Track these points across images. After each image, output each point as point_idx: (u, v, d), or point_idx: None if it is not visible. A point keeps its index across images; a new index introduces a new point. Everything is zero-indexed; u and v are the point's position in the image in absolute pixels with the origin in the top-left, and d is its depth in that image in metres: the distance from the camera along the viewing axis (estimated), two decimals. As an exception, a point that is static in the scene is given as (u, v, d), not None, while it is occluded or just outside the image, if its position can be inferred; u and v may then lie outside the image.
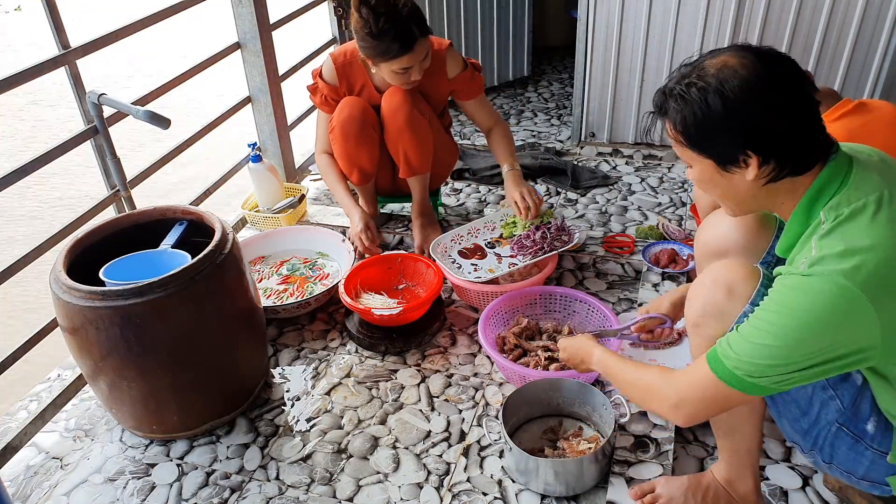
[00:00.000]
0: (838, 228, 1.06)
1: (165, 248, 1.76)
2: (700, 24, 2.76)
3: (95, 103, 1.96)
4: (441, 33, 3.50)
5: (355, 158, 2.28)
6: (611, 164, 3.04)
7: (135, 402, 1.67)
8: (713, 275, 1.24)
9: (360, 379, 1.94)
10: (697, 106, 1.09)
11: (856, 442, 1.20)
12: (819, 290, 1.02)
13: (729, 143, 1.10)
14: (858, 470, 1.23)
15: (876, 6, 2.55)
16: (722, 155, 1.12)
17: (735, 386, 1.10)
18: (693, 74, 1.12)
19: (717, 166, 1.14)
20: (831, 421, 1.20)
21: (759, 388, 1.09)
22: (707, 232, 1.48)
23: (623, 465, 1.57)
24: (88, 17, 5.75)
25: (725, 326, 1.19)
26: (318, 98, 2.29)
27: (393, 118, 2.17)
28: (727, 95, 1.07)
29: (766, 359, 1.06)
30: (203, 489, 1.63)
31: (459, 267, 2.19)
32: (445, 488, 1.59)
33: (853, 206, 1.07)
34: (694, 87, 1.10)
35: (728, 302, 1.20)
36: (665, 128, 1.19)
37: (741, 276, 1.20)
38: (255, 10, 2.57)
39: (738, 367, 1.08)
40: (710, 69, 1.10)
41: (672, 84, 1.15)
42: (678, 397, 1.19)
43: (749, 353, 1.07)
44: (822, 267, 1.03)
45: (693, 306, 1.27)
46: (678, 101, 1.12)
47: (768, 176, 1.11)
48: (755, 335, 1.07)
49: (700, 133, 1.12)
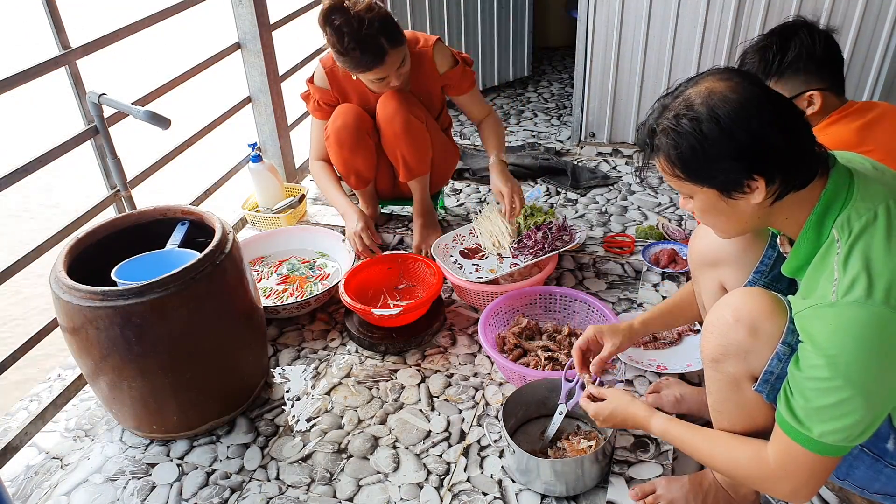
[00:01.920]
0: (856, 247, 1.03)
1: (172, 247, 1.76)
2: (700, 24, 2.76)
3: (95, 103, 1.96)
4: (441, 33, 3.50)
5: (352, 165, 2.28)
6: (611, 164, 3.04)
7: (135, 402, 1.67)
8: (734, 311, 1.16)
9: (361, 379, 1.94)
10: (693, 137, 1.05)
11: (875, 461, 1.18)
12: (859, 321, 0.99)
13: (731, 169, 1.05)
14: (874, 485, 1.21)
15: (876, 6, 2.55)
16: (725, 183, 1.07)
17: (839, 453, 1.08)
18: (679, 106, 1.07)
19: (721, 195, 1.09)
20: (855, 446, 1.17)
21: (849, 447, 1.08)
22: (700, 242, 1.46)
23: (623, 465, 1.57)
24: (88, 17, 5.75)
25: (750, 367, 1.16)
26: (311, 105, 2.30)
27: (389, 125, 2.16)
28: (722, 122, 1.03)
29: (850, 415, 1.02)
30: (203, 489, 1.63)
31: (461, 267, 2.19)
32: (445, 488, 1.59)
33: (864, 218, 1.05)
34: (685, 119, 1.05)
35: (752, 342, 1.14)
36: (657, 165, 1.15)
37: (765, 313, 1.14)
38: (255, 10, 2.57)
39: (840, 441, 1.05)
40: (695, 98, 1.06)
41: (658, 118, 1.10)
42: (791, 486, 1.13)
43: (832, 417, 1.03)
44: (852, 296, 1.00)
45: (711, 342, 1.20)
46: (670, 134, 1.07)
47: (774, 195, 1.08)
48: (821, 396, 1.03)
49: (699, 165, 1.07)
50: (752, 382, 1.18)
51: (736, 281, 1.38)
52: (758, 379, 1.16)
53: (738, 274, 1.37)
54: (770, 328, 1.13)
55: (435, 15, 3.45)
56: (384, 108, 2.16)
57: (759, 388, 1.16)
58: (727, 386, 1.21)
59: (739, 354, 1.16)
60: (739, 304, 1.16)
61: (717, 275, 1.42)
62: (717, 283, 1.44)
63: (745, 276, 1.36)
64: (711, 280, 1.44)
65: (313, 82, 2.26)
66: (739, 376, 1.17)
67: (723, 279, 1.42)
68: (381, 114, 2.18)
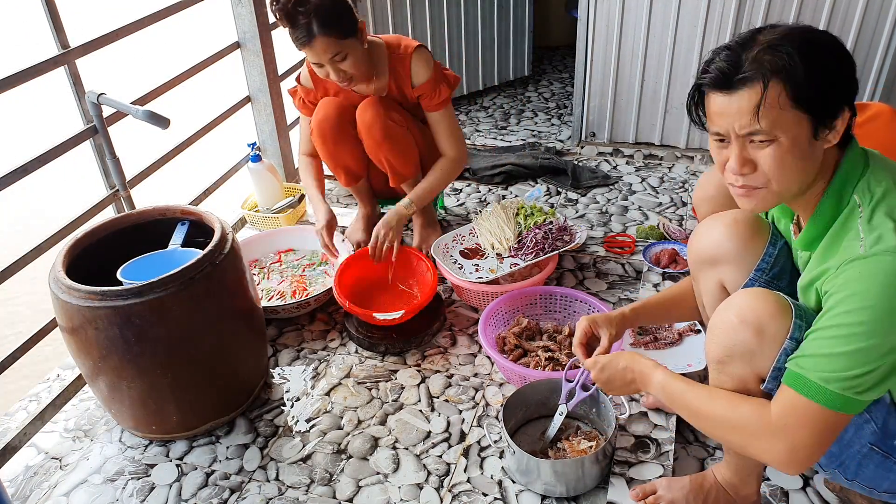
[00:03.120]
0: (879, 208, 1.05)
1: (175, 247, 1.76)
2: (700, 24, 2.75)
3: (95, 103, 1.96)
4: (441, 33, 3.50)
5: (338, 158, 2.26)
6: (611, 164, 3.03)
7: (134, 403, 1.67)
8: (739, 312, 1.15)
9: (360, 379, 1.94)
10: (816, 60, 1.03)
11: (885, 459, 1.17)
12: (889, 270, 0.99)
13: (836, 98, 1.06)
14: (882, 485, 1.21)
15: (876, 6, 2.55)
16: (826, 112, 1.06)
17: (848, 409, 1.03)
18: (783, 38, 1.04)
19: (813, 130, 1.06)
20: (864, 443, 1.16)
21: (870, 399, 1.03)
22: (700, 240, 1.45)
23: (623, 466, 1.57)
24: (88, 17, 5.74)
25: (756, 367, 1.15)
26: (296, 101, 2.30)
27: (369, 133, 2.13)
28: (832, 49, 1.05)
29: (867, 364, 1.00)
30: (203, 489, 1.63)
31: (461, 267, 2.18)
32: (445, 489, 1.59)
33: (884, 184, 1.07)
34: (804, 43, 1.03)
35: (758, 343, 1.13)
36: (753, 93, 1.05)
37: (770, 314, 1.13)
38: (255, 10, 2.57)
39: (847, 388, 1.01)
40: (793, 31, 1.06)
41: (771, 42, 1.05)
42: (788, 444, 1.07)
43: (849, 366, 1.01)
44: (882, 245, 1.00)
45: (716, 343, 1.19)
46: (790, 58, 1.03)
47: (840, 137, 1.09)
48: (839, 344, 1.01)
49: (816, 89, 1.04)
50: (758, 383, 1.17)
51: (736, 279, 1.37)
52: (765, 379, 1.16)
53: (738, 272, 1.37)
54: (775, 329, 1.12)
55: (435, 15, 3.44)
56: (362, 117, 2.13)
57: (768, 387, 1.16)
58: (733, 388, 1.20)
59: (745, 356, 1.15)
60: (744, 305, 1.15)
61: (716, 273, 1.42)
62: (716, 282, 1.43)
63: (745, 275, 1.36)
64: (711, 279, 1.44)
65: (300, 81, 2.27)
66: (746, 377, 1.17)
67: (723, 278, 1.41)
68: (360, 123, 2.15)
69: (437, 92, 2.14)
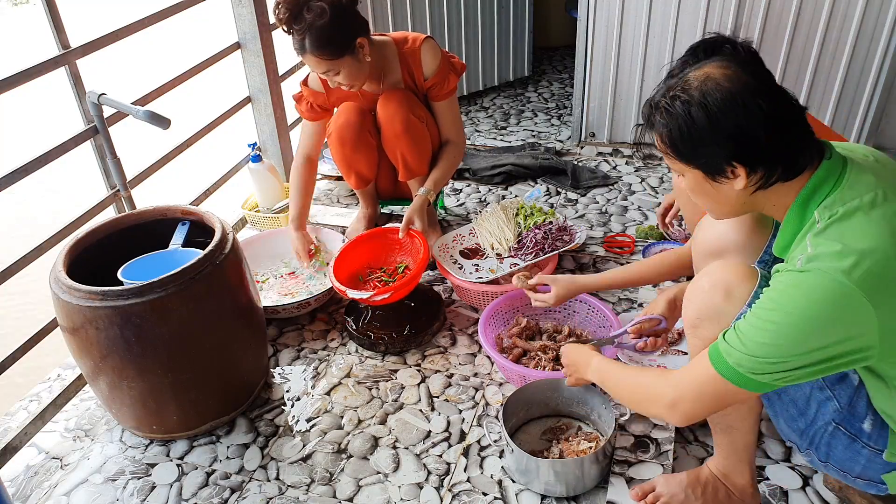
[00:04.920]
0: (833, 226, 1.06)
1: (176, 247, 1.76)
2: (700, 25, 2.76)
3: (95, 103, 1.96)
4: (441, 33, 3.50)
5: (353, 164, 2.28)
6: (611, 164, 3.04)
7: (134, 402, 1.67)
8: (710, 277, 1.24)
9: (360, 379, 1.94)
10: (682, 119, 1.10)
11: (852, 441, 1.21)
12: (816, 285, 1.03)
13: (715, 155, 1.10)
14: (854, 468, 1.24)
15: (876, 6, 2.55)
16: (709, 166, 1.13)
17: (736, 382, 1.10)
18: (678, 87, 1.12)
19: (706, 176, 1.15)
20: (828, 421, 1.21)
21: (759, 384, 1.09)
22: (704, 232, 1.48)
23: (623, 466, 1.57)
24: (88, 17, 5.74)
25: (723, 328, 1.19)
26: (302, 106, 2.27)
27: (390, 124, 2.16)
28: (710, 108, 1.07)
29: (766, 356, 1.06)
30: (203, 489, 1.63)
31: (461, 267, 2.19)
32: (445, 488, 1.59)
33: (847, 205, 1.07)
34: (678, 101, 1.10)
35: (725, 304, 1.20)
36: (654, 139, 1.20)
37: (738, 278, 1.21)
38: (255, 10, 2.57)
39: (741, 363, 1.08)
40: (693, 81, 1.10)
41: (658, 97, 1.15)
42: (675, 395, 1.19)
43: (749, 350, 1.07)
44: (818, 263, 1.04)
45: (690, 308, 1.28)
46: (664, 114, 1.13)
47: (757, 184, 1.12)
48: (753, 333, 1.07)
49: (686, 145, 1.12)
50: None
51: None
52: None
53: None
54: (742, 291, 1.20)
55: (435, 15, 3.44)
56: (385, 108, 2.16)
57: None
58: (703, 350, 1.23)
59: (713, 317, 1.22)
60: (716, 272, 1.24)
61: None
62: None
63: None
64: None
65: (307, 84, 2.26)
66: (715, 339, 1.19)
67: None
68: (382, 113, 2.17)
69: (447, 82, 2.20)
